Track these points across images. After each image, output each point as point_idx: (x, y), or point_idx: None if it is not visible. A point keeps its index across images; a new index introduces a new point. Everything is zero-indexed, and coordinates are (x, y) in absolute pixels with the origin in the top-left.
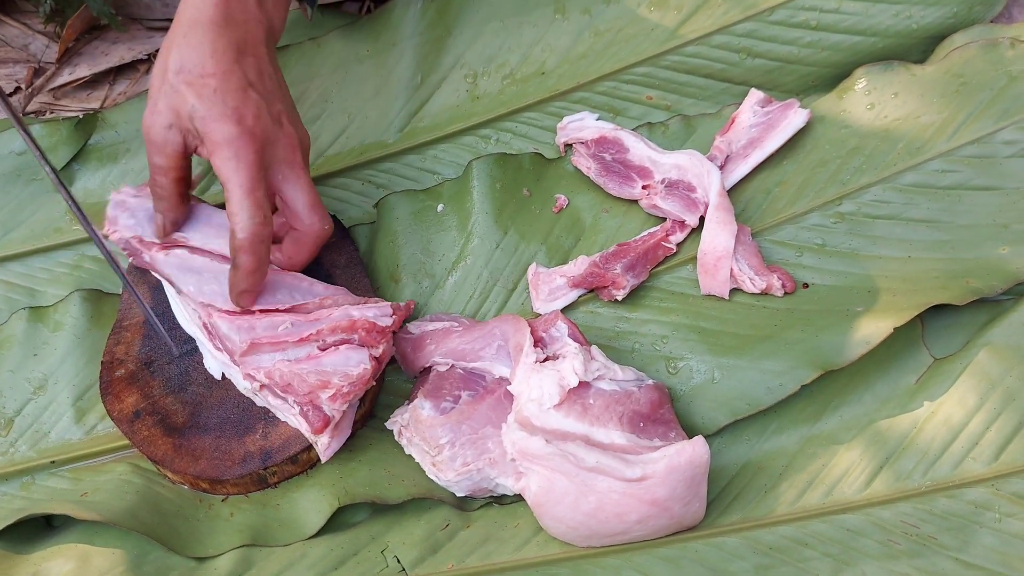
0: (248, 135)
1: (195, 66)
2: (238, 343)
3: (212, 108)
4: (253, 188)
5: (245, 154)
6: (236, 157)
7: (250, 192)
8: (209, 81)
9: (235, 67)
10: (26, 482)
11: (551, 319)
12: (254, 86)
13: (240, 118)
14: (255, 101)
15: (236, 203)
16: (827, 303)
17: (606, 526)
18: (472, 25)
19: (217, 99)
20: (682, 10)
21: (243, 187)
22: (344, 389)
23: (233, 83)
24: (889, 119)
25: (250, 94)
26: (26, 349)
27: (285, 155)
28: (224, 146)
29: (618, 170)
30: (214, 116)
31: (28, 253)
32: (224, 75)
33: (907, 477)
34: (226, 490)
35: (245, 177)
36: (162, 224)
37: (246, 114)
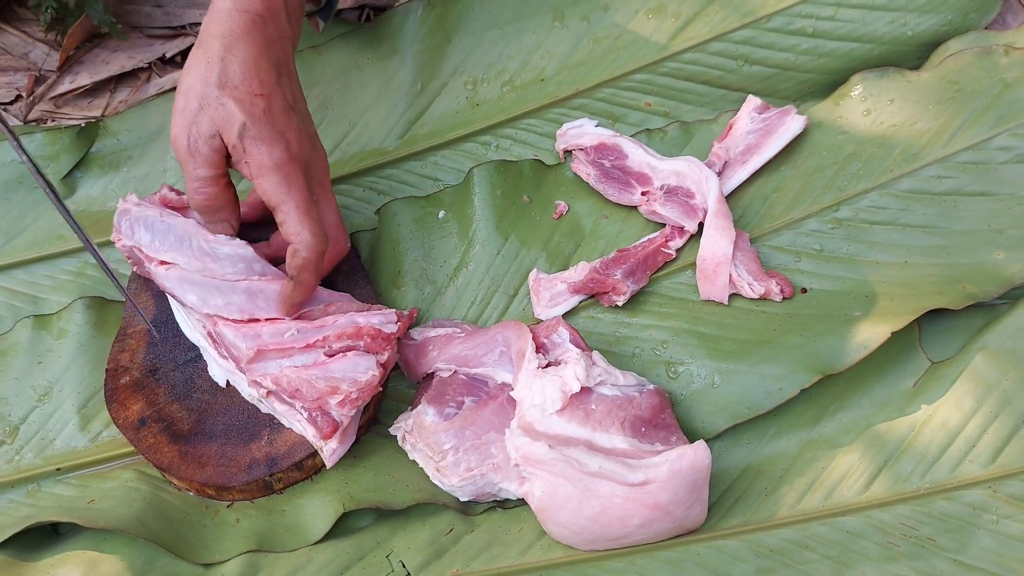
0: (295, 159)
1: (241, 82)
2: (244, 350)
3: (262, 130)
4: (308, 207)
5: (295, 178)
6: (287, 181)
7: (307, 212)
8: (259, 101)
9: (278, 88)
10: (32, 489)
11: (552, 325)
12: (294, 108)
13: (288, 143)
14: (296, 124)
15: (295, 224)
16: (825, 308)
17: (609, 530)
18: (472, 32)
19: (266, 120)
20: (680, 17)
21: (299, 209)
22: (353, 395)
23: (278, 105)
24: (885, 125)
25: (292, 117)
26: (31, 357)
27: (319, 176)
28: (274, 171)
29: (617, 176)
30: (264, 138)
31: (31, 260)
32: (271, 96)
33: (906, 480)
34: (232, 496)
35: (300, 199)
36: (230, 232)
37: (291, 138)
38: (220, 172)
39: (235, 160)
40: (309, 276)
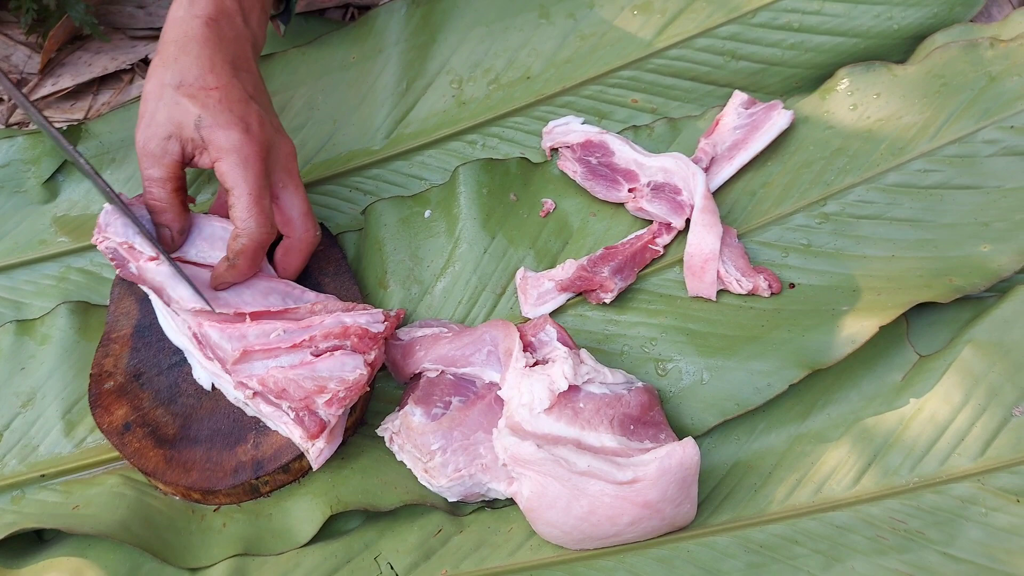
0: (254, 141)
1: (195, 80)
2: (230, 351)
3: (218, 116)
4: (260, 195)
5: (253, 160)
6: (244, 163)
7: (258, 199)
8: (213, 93)
9: (234, 80)
10: (16, 496)
11: (540, 324)
12: (254, 98)
13: (247, 126)
14: (257, 111)
15: (243, 209)
16: (813, 303)
17: (599, 529)
18: (457, 31)
19: (223, 108)
20: (666, 14)
21: (251, 194)
22: (340, 394)
23: (235, 94)
24: (872, 119)
25: (252, 104)
26: (13, 363)
27: (284, 163)
28: (232, 152)
29: (604, 174)
30: (221, 124)
31: (12, 266)
32: (226, 87)
33: (894, 473)
34: (218, 500)
35: (253, 184)
36: (170, 236)
37: (251, 122)
38: (170, 175)
39: (196, 157)
40: (245, 263)
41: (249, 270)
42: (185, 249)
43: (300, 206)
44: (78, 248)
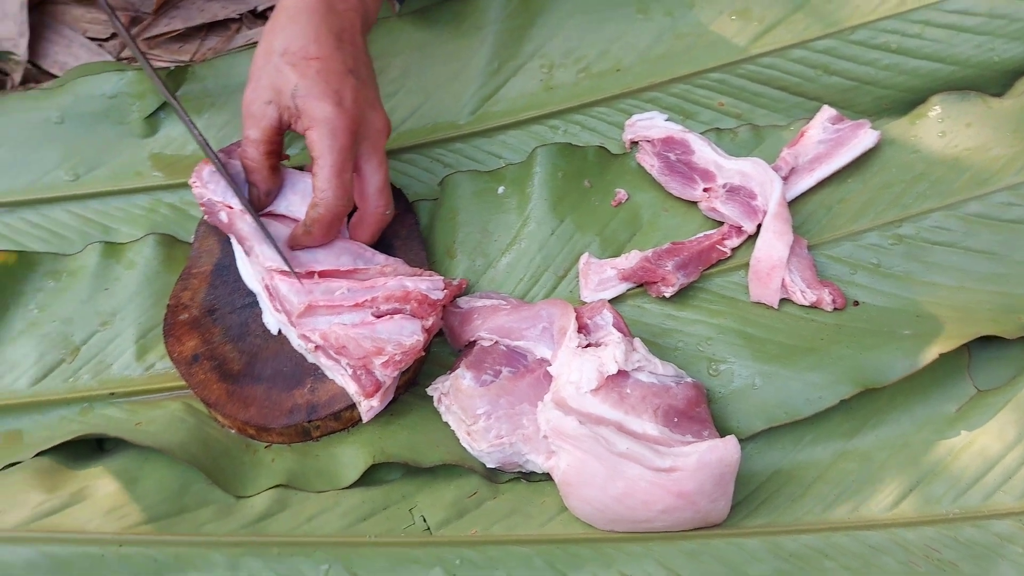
0: (346, 115)
1: (299, 48)
2: (296, 304)
3: (314, 87)
4: (343, 168)
5: (341, 133)
6: (332, 135)
7: (339, 172)
8: (313, 63)
9: (336, 52)
10: (84, 408)
11: (597, 307)
12: (353, 72)
13: (340, 99)
14: (353, 85)
15: (324, 180)
16: (876, 323)
17: (632, 512)
18: (555, 17)
19: (320, 79)
20: (764, 21)
21: (334, 166)
22: (397, 357)
23: (334, 66)
24: (959, 148)
25: (349, 78)
26: (98, 282)
27: (373, 138)
28: (323, 123)
29: (681, 170)
30: (316, 95)
31: (108, 193)
32: (327, 58)
33: (936, 502)
34: (271, 438)
35: (337, 156)
36: (256, 196)
37: (345, 96)
38: (265, 137)
39: (292, 123)
40: (319, 231)
41: (323, 238)
42: (276, 202)
43: (378, 182)
44: (170, 184)
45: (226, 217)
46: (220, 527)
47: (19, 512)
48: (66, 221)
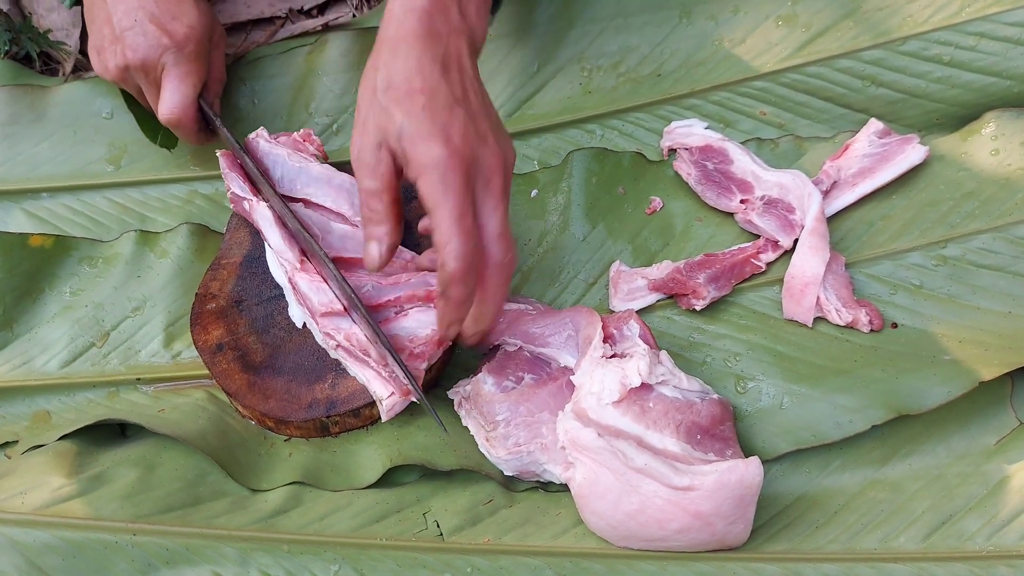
0: (456, 156)
1: (402, 83)
2: (316, 304)
3: (420, 127)
4: (463, 215)
5: (453, 177)
6: (444, 181)
7: (460, 219)
8: (418, 98)
9: (441, 83)
10: (111, 392)
11: (624, 317)
12: (460, 102)
13: (447, 138)
14: (462, 119)
15: (446, 231)
16: (914, 346)
17: (646, 529)
18: (596, 20)
19: (425, 117)
20: (810, 29)
21: (453, 214)
22: (416, 350)
23: (440, 100)
24: (1013, 167)
25: (457, 111)
26: (131, 269)
27: (486, 176)
28: (432, 168)
29: (718, 180)
30: (422, 136)
31: (147, 182)
32: (432, 91)
33: (969, 539)
34: (289, 432)
35: (455, 204)
36: (378, 253)
37: (453, 133)
38: (384, 185)
39: (403, 169)
40: (458, 291)
41: (467, 298)
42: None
43: (495, 227)
44: (205, 176)
45: (248, 206)
46: (233, 520)
47: (39, 495)
48: (105, 208)
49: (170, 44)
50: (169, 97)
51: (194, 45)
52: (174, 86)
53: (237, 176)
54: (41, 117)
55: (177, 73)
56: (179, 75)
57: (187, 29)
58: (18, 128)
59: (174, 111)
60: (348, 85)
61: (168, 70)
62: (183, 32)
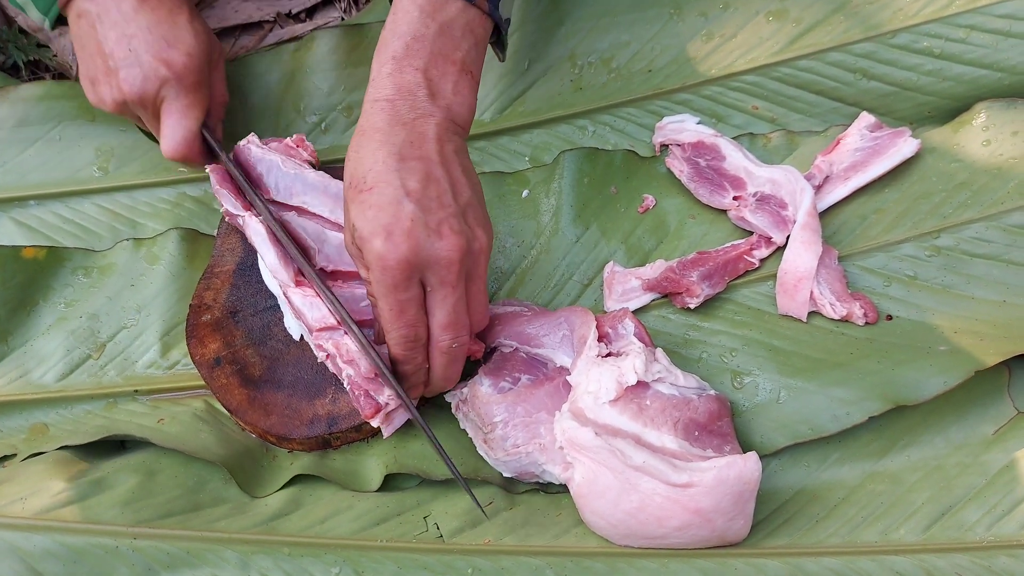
0: (394, 253)
1: (359, 179)
2: (311, 321)
3: (366, 224)
4: (402, 309)
5: (391, 274)
6: (383, 278)
7: (399, 314)
8: (366, 197)
9: (393, 176)
10: (109, 403)
11: (619, 316)
12: (412, 194)
13: (388, 235)
14: (409, 214)
15: (386, 323)
16: (909, 338)
17: (645, 527)
18: (586, 17)
19: (371, 215)
20: (801, 23)
21: (391, 309)
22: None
23: (387, 196)
24: (1004, 157)
25: (403, 207)
26: (125, 279)
27: (436, 270)
28: (374, 265)
29: (711, 177)
30: (367, 234)
31: (135, 186)
32: (380, 188)
33: (969, 529)
34: (291, 446)
35: (393, 300)
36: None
37: (394, 230)
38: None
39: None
40: (404, 369)
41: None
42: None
43: (441, 318)
44: (194, 178)
45: (242, 220)
46: (233, 523)
47: (39, 500)
48: (95, 215)
49: (169, 76)
50: (171, 134)
51: (194, 75)
52: (175, 121)
53: (228, 192)
54: (24, 122)
55: (178, 107)
56: (180, 109)
57: (185, 58)
58: (3, 134)
59: (179, 149)
60: (336, 83)
61: (168, 104)
62: (182, 62)
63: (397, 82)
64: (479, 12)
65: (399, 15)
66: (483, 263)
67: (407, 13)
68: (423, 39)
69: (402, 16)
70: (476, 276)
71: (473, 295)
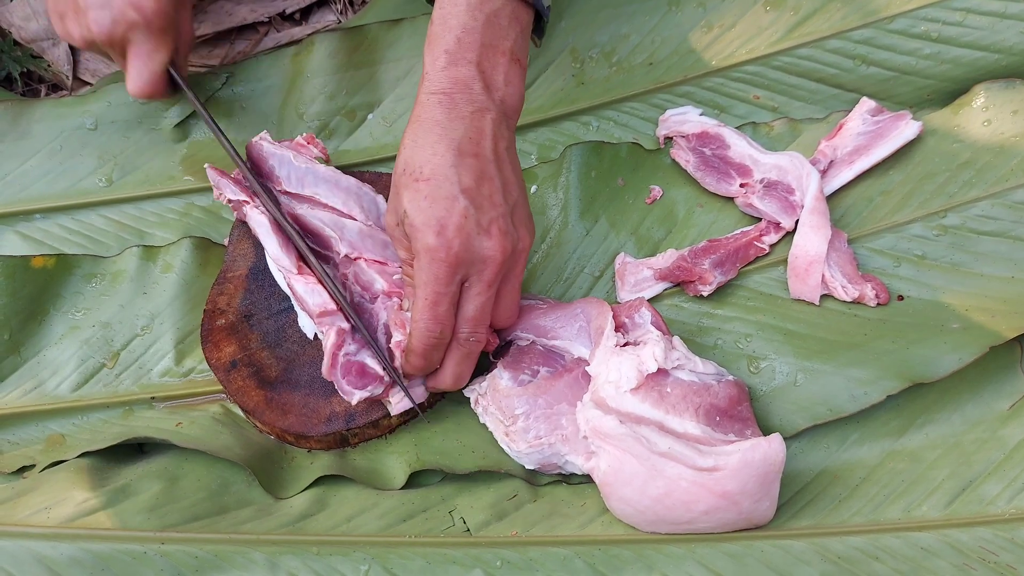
0: (445, 248)
1: (415, 169)
2: (312, 306)
3: (419, 215)
4: (436, 302)
5: (437, 267)
6: (428, 269)
7: (433, 306)
8: (422, 187)
9: (450, 171)
10: (126, 411)
11: (635, 305)
12: (467, 192)
13: (441, 229)
14: (462, 210)
15: (417, 312)
16: (921, 317)
17: (672, 513)
18: (585, 11)
19: (425, 206)
20: (799, 11)
21: (427, 300)
22: None
23: (444, 190)
24: (1006, 135)
25: (458, 203)
26: (137, 286)
27: (478, 265)
28: (422, 255)
29: (717, 166)
30: (419, 224)
31: (142, 197)
32: (437, 180)
33: (990, 503)
34: (309, 445)
35: (432, 291)
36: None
37: (448, 224)
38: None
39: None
40: (415, 360)
41: (424, 368)
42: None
43: (471, 310)
44: (202, 188)
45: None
46: (260, 525)
47: (64, 509)
48: (102, 226)
49: (138, 20)
50: (137, 75)
51: (163, 19)
52: (142, 62)
53: (228, 181)
54: (26, 134)
55: (146, 50)
56: (147, 51)
57: (154, 2)
58: (3, 147)
59: (144, 88)
60: (338, 87)
61: (136, 46)
62: (151, 6)
63: (452, 76)
64: (522, 1)
65: (446, 8)
66: (522, 262)
67: (455, 6)
68: (473, 31)
69: (450, 9)
70: (514, 275)
71: (506, 293)
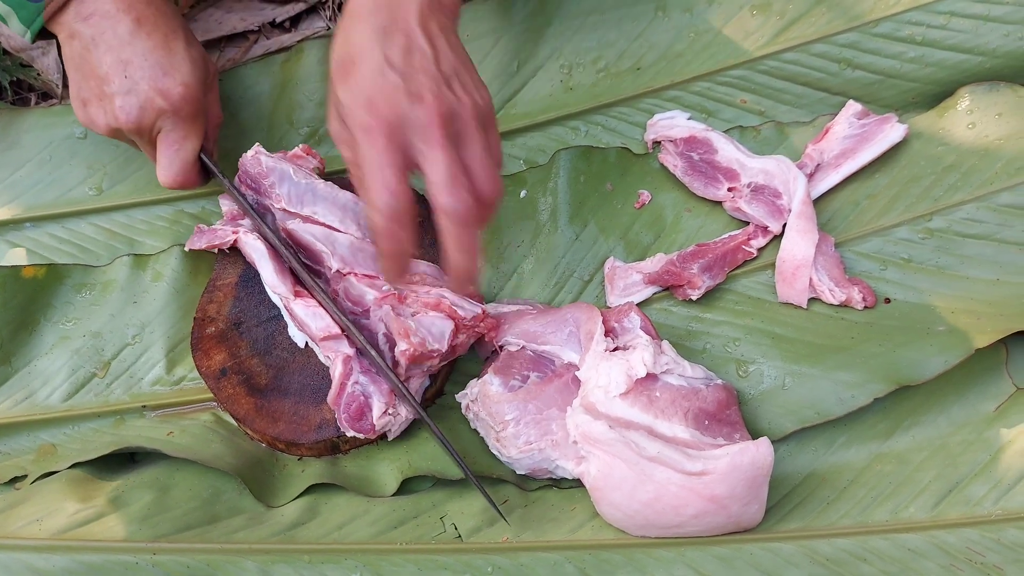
0: (377, 119)
1: (344, 57)
2: (315, 331)
3: (350, 97)
4: (381, 170)
5: (374, 139)
6: (366, 144)
7: (378, 174)
8: (351, 69)
9: (375, 49)
10: (117, 421)
11: (624, 310)
12: (393, 65)
13: (370, 104)
14: (391, 83)
15: (367, 192)
16: (908, 320)
17: (662, 517)
18: (573, 17)
19: (355, 86)
20: (784, 16)
21: (372, 172)
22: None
23: (369, 67)
24: (990, 138)
25: (387, 76)
26: (127, 295)
27: (420, 131)
28: (359, 134)
29: (704, 170)
30: (351, 104)
31: (131, 205)
32: (364, 62)
33: (977, 504)
34: (300, 452)
35: (374, 163)
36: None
37: (377, 99)
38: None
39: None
40: (384, 242)
41: (393, 251)
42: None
43: (434, 175)
44: (191, 195)
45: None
46: (252, 534)
47: (55, 520)
48: (92, 235)
49: (166, 107)
50: (169, 165)
51: (191, 105)
52: (173, 152)
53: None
54: (15, 144)
55: (175, 138)
56: (177, 139)
57: (182, 88)
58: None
59: (176, 179)
60: (327, 94)
61: (165, 135)
62: (178, 92)
63: None
64: None
65: None
66: (474, 126)
67: None
68: None
69: None
70: (469, 139)
71: (472, 158)
